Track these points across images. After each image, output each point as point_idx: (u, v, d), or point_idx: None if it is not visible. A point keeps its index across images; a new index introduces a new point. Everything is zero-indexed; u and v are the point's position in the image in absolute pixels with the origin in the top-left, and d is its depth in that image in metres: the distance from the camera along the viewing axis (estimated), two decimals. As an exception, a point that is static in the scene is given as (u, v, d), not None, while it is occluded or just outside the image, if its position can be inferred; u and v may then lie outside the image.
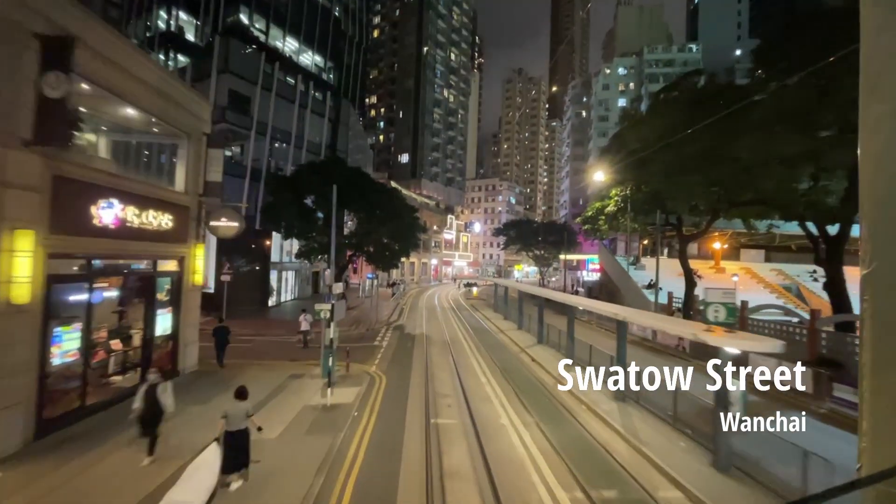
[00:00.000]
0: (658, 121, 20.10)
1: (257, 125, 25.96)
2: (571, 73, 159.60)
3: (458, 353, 16.97)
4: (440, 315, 28.47)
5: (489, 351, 17.55)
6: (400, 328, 22.87)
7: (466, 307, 34.29)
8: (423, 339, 19.77)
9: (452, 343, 18.83)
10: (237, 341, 15.59)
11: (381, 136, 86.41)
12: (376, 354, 16.21)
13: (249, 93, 25.55)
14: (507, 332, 21.71)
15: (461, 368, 14.77)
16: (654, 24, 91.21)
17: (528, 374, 14.77)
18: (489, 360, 15.95)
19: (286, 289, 31.48)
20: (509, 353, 17.45)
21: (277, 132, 27.68)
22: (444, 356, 16.33)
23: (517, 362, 16.06)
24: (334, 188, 20.28)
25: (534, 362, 15.99)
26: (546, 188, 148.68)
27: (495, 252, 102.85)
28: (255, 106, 25.82)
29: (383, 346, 17.88)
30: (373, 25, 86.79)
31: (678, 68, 70.28)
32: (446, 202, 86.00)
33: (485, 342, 19.45)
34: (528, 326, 22.57)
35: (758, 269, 37.48)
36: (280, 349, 16.76)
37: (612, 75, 74.04)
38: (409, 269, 65.93)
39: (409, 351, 17.09)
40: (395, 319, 25.73)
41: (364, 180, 24.40)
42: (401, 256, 28.88)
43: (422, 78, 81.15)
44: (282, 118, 28.06)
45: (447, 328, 23.12)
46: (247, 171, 25.46)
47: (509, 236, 67.34)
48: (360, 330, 21.94)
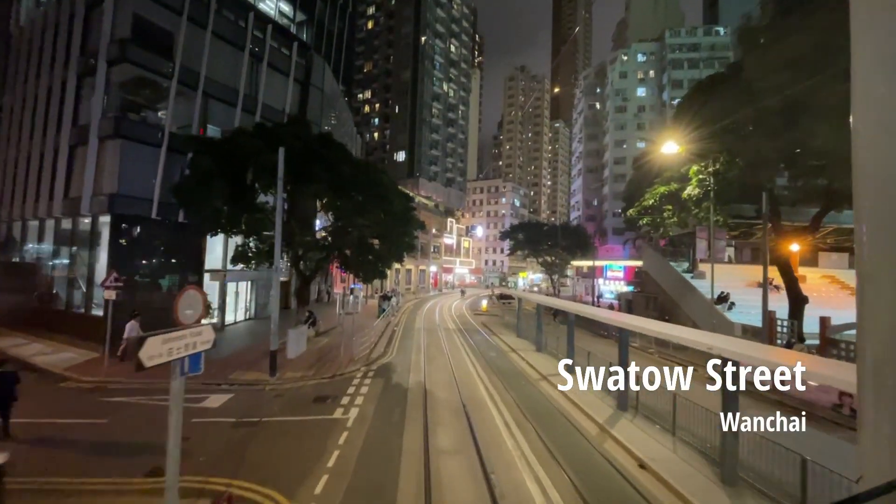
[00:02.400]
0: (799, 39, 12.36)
1: (182, 73, 18.06)
2: (574, 74, 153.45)
3: (489, 442, 8.89)
4: (445, 343, 20.43)
5: (543, 430, 9.53)
6: (385, 372, 14.86)
7: (477, 327, 26.29)
8: (420, 396, 11.75)
9: (472, 407, 10.79)
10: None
11: (375, 134, 79.32)
12: (324, 455, 8.13)
13: (170, 25, 17.77)
14: (552, 379, 13.70)
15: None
16: (669, 10, 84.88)
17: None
18: (553, 465, 7.89)
19: (237, 306, 23.43)
20: (574, 435, 9.43)
21: (216, 87, 19.83)
22: (464, 454, 8.26)
23: (597, 459, 8.06)
24: (280, 151, 12.43)
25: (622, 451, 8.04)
26: (550, 191, 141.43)
27: (499, 258, 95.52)
28: (180, 46, 17.98)
29: (349, 422, 9.83)
30: (367, 16, 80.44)
31: (705, 53, 63.50)
32: (446, 204, 78.59)
33: (531, 407, 11.40)
34: (578, 362, 14.65)
35: (844, 277, 29.68)
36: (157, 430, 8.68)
37: (629, 62, 67.03)
38: (404, 276, 58.08)
39: (397, 430, 9.08)
40: (381, 353, 17.70)
41: (333, 150, 16.53)
42: (390, 262, 20.94)
43: (419, 69, 74.16)
44: (223, 69, 20.26)
45: (458, 371, 15.10)
46: (164, 137, 17.50)
47: (516, 240, 60.22)
48: (322, 376, 13.91)
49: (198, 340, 4.71)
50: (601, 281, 46.85)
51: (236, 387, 12.77)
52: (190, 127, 18.69)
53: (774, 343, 18.43)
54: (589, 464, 8.10)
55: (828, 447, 8.37)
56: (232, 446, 8.49)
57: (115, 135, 16.11)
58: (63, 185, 18.11)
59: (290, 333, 16.13)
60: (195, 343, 4.67)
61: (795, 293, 19.42)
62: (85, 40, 17.99)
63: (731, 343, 8.28)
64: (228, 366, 14.86)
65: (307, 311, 20.77)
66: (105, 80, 16.48)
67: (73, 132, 17.87)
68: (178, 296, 5.45)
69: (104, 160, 16.42)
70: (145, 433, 8.89)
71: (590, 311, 15.36)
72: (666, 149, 17.92)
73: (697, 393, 12.11)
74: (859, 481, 1.59)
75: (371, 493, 6.74)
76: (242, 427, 9.52)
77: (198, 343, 4.71)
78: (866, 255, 1.53)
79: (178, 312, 5.35)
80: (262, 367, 14.06)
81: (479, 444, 8.51)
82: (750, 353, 6.64)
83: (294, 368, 14.72)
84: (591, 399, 11.82)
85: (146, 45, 16.91)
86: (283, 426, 9.60)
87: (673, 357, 19.27)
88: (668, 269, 27.06)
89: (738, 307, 25.00)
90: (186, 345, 4.51)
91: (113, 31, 16.53)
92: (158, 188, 17.10)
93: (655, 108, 64.36)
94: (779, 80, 12.51)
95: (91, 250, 17.28)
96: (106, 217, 16.50)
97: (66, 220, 18.72)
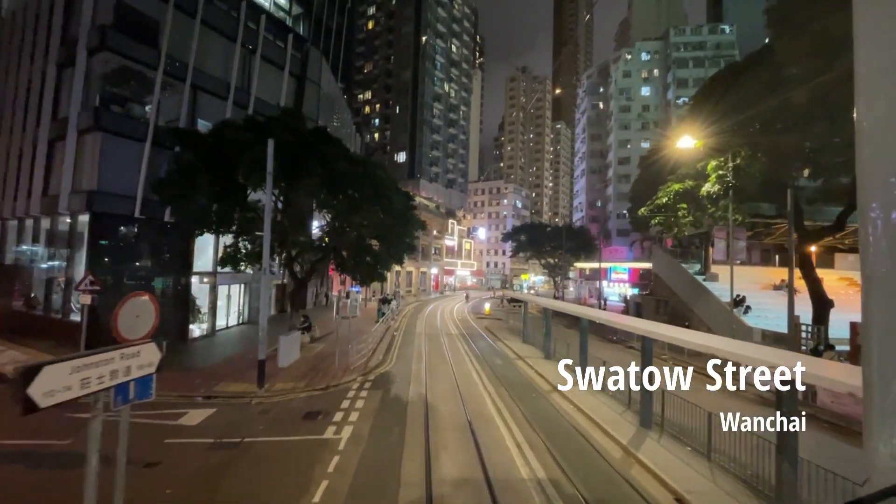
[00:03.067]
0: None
1: (169, 64, 17.03)
2: (576, 75, 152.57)
3: (500, 470, 7.76)
4: (448, 349, 19.33)
5: (560, 453, 8.40)
6: (384, 383, 13.76)
7: (481, 331, 25.17)
8: (421, 412, 10.63)
9: (479, 426, 9.66)
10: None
11: (375, 134, 78.51)
12: (311, 486, 7.00)
13: (156, 12, 16.72)
14: (564, 392, 12.55)
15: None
16: (672, 9, 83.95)
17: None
18: (576, 501, 6.79)
19: (229, 310, 22.34)
20: (596, 459, 8.30)
21: (206, 80, 18.76)
22: (472, 486, 7.13)
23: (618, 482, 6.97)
24: (269, 144, 11.43)
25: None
26: (552, 192, 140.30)
27: (500, 260, 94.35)
28: (166, 35, 16.92)
29: (341, 444, 8.71)
30: (367, 16, 79.67)
31: (710, 51, 62.44)
32: (447, 205, 77.62)
33: (545, 425, 10.28)
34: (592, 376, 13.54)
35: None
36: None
37: (633, 61, 66.00)
38: (405, 279, 57.00)
39: (395, 454, 7.96)
40: (380, 361, 16.60)
41: (328, 144, 15.45)
42: (389, 264, 19.84)
43: (420, 69, 73.30)
44: (214, 61, 19.19)
45: (463, 381, 13.98)
46: (149, 131, 16.43)
47: (519, 242, 59.08)
48: (314, 387, 12.80)
49: (133, 364, 3.61)
50: (605, 283, 45.68)
51: (220, 400, 11.68)
52: (178, 121, 17.63)
53: (800, 350, 17.32)
54: (617, 497, 6.98)
55: (825, 448, 8.02)
56: (206, 474, 7.39)
57: (94, 128, 15.06)
58: (42, 183, 17.06)
59: (281, 340, 15.04)
60: (128, 368, 3.57)
61: (819, 296, 18.30)
62: (66, 29, 16.98)
63: (784, 357, 7.17)
64: (214, 375, 13.78)
65: (302, 316, 19.69)
66: (85, 70, 15.44)
67: (52, 126, 16.84)
68: (120, 304, 4.36)
69: (83, 155, 15.37)
70: (113, 457, 7.79)
71: (606, 317, 14.20)
72: (682, 143, 16.80)
73: (720, 403, 11.06)
74: (865, 484, 1.56)
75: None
76: (220, 449, 8.42)
77: (132, 368, 3.61)
78: (872, 256, 1.52)
79: (119, 325, 4.26)
80: (251, 378, 12.97)
81: (489, 474, 7.39)
82: (821, 374, 5.50)
83: (285, 378, 13.62)
84: (610, 414, 10.71)
85: (130, 32, 15.85)
86: (266, 448, 8.50)
87: (686, 363, 18.15)
88: (680, 271, 25.92)
89: (753, 311, 23.85)
90: (113, 372, 3.41)
91: (94, 17, 15.48)
92: (143, 185, 16.03)
93: (660, 108, 63.32)
94: (812, 66, 11.42)
95: (70, 251, 16.22)
96: (85, 216, 15.44)
97: (45, 220, 17.67)
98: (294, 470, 7.50)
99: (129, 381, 4.22)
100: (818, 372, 5.64)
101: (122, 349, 3.75)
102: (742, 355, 6.56)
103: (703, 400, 11.13)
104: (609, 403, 11.60)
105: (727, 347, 7.20)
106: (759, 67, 14.25)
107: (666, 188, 21.56)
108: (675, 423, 9.60)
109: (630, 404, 11.29)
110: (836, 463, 6.09)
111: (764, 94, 13.82)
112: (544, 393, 12.89)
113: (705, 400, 11.62)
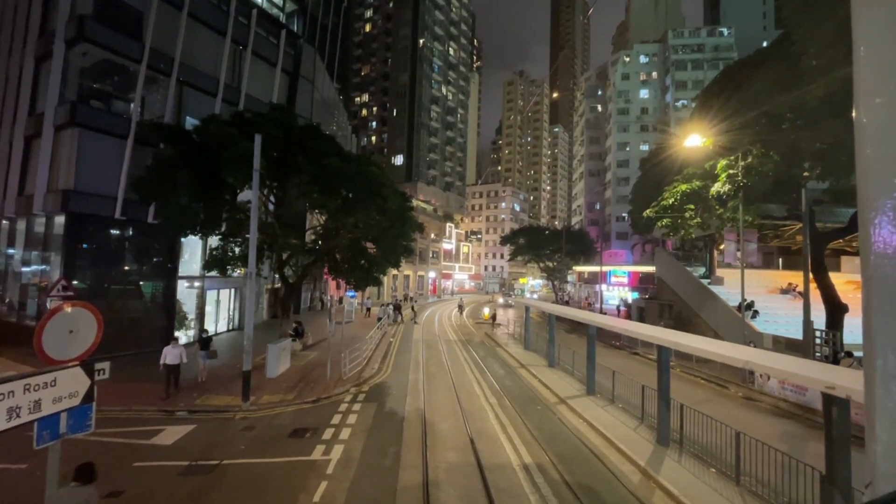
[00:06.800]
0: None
1: (154, 57, 16.19)
2: (573, 79, 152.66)
3: (508, 501, 6.88)
4: (446, 358, 18.46)
5: (573, 477, 7.54)
6: (379, 395, 12.88)
7: (481, 339, 24.29)
8: (418, 429, 9.76)
9: (482, 446, 8.79)
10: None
11: (372, 138, 77.89)
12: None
13: (139, 4, 15.90)
14: (573, 404, 11.68)
15: None
16: (670, 12, 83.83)
17: None
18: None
19: (218, 316, 21.41)
20: (613, 485, 7.44)
21: (193, 75, 17.92)
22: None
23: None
24: (256, 139, 10.64)
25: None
26: (550, 195, 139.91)
27: (499, 264, 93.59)
28: (150, 27, 16.09)
29: (329, 467, 7.83)
30: (364, 19, 79.20)
31: (708, 54, 62.17)
32: (445, 208, 76.91)
33: (554, 445, 9.42)
34: (608, 393, 12.67)
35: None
36: None
37: (632, 64, 65.64)
38: (402, 282, 56.07)
39: (389, 482, 7.09)
40: (375, 370, 15.72)
41: (319, 141, 14.63)
42: (385, 268, 18.97)
43: (418, 72, 72.74)
44: (202, 55, 18.35)
45: (463, 393, 13.11)
46: (131, 128, 15.55)
47: (518, 245, 58.36)
48: (304, 399, 11.90)
49: (44, 397, 2.76)
50: (604, 287, 44.95)
51: (201, 415, 10.77)
52: (163, 118, 16.78)
53: (814, 357, 16.55)
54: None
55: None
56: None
57: (71, 123, 14.18)
58: (17, 181, 16.15)
59: (269, 349, 14.15)
60: (38, 402, 2.72)
61: (833, 301, 17.60)
62: (45, 21, 16.14)
63: (830, 372, 6.39)
64: (197, 387, 12.88)
65: (294, 322, 18.79)
66: (63, 63, 14.58)
67: (28, 122, 15.95)
68: (46, 317, 3.50)
69: (60, 152, 14.48)
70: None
71: (622, 325, 13.25)
72: (690, 142, 16.11)
73: (735, 414, 10.22)
74: (868, 487, 1.52)
75: None
76: (195, 474, 7.54)
77: (44, 402, 2.76)
78: (873, 257, 1.48)
79: (43, 343, 3.41)
80: (237, 389, 12.08)
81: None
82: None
83: (273, 390, 12.72)
84: (624, 430, 9.87)
85: (111, 23, 15.01)
86: (246, 472, 7.62)
87: (697, 372, 17.37)
88: (685, 274, 25.17)
89: (761, 315, 23.12)
90: (13, 409, 2.56)
91: (73, 6, 14.67)
92: (124, 184, 15.14)
93: (659, 110, 62.97)
94: (835, 56, 10.73)
95: (45, 254, 15.31)
96: (62, 217, 14.54)
97: (21, 221, 16.74)
98: (274, 500, 6.62)
99: (78, 409, 3.40)
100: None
101: (36, 375, 2.90)
102: (788, 372, 5.76)
103: (716, 410, 10.36)
104: (620, 417, 10.78)
105: (763, 362, 6.40)
106: (773, 61, 13.58)
107: (672, 189, 20.84)
108: (694, 441, 8.79)
109: (644, 418, 10.48)
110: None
111: (779, 89, 13.12)
112: (551, 405, 12.05)
113: (718, 410, 10.85)
